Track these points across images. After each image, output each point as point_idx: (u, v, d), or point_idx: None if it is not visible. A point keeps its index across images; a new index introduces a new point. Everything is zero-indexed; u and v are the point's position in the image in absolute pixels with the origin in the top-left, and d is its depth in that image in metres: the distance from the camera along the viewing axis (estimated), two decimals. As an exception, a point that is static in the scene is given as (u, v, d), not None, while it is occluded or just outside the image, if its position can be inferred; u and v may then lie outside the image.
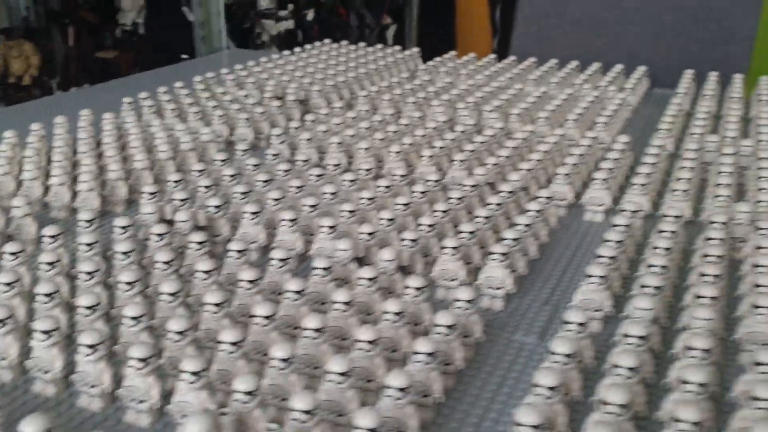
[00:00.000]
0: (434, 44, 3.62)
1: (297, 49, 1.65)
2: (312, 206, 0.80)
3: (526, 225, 0.77)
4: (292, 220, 0.77)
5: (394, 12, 3.07)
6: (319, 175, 0.89)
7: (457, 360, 0.58)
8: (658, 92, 1.49)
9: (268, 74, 1.43)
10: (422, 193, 0.85)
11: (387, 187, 0.87)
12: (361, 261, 0.72)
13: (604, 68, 1.53)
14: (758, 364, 0.52)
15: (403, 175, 0.91)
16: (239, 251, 0.70)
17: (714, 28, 1.90)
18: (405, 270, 0.72)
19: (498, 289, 0.70)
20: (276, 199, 0.82)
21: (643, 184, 0.88)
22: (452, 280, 0.71)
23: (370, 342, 0.55)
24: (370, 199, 0.82)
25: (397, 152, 1.00)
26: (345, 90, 1.36)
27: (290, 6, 2.35)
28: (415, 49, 1.68)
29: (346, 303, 0.60)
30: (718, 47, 1.90)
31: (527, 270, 0.77)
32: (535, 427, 0.46)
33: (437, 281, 0.72)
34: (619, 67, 1.50)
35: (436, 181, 0.89)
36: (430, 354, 0.54)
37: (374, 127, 1.12)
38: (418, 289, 0.62)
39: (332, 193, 0.84)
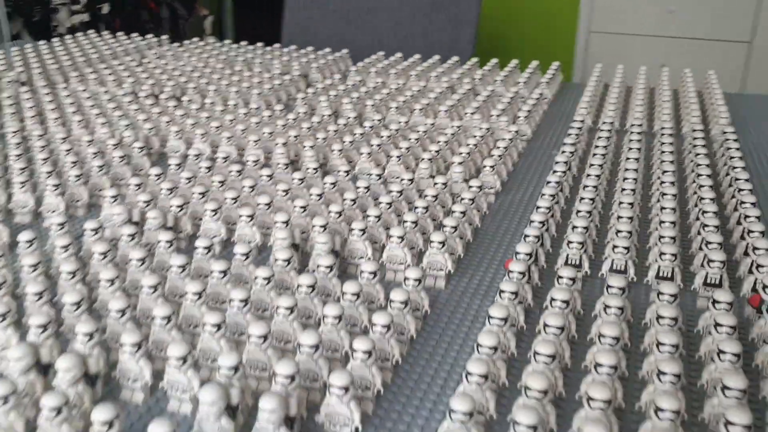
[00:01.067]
0: (265, 35, 3.81)
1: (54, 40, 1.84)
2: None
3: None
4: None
5: (212, 2, 3.23)
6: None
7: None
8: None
9: None
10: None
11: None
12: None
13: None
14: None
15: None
16: None
17: (443, 17, 2.20)
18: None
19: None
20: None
21: (256, 140, 1.13)
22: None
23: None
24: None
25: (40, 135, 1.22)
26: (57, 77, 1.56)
27: (83, -1, 2.50)
28: (164, 37, 1.89)
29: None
30: (448, 33, 2.21)
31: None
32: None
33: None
34: (326, 50, 1.76)
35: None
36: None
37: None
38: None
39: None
